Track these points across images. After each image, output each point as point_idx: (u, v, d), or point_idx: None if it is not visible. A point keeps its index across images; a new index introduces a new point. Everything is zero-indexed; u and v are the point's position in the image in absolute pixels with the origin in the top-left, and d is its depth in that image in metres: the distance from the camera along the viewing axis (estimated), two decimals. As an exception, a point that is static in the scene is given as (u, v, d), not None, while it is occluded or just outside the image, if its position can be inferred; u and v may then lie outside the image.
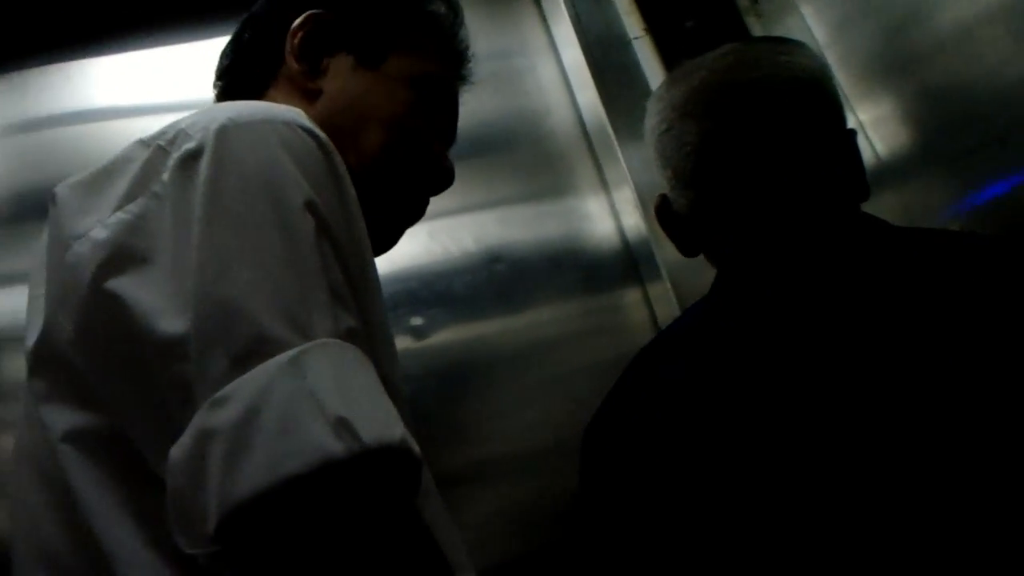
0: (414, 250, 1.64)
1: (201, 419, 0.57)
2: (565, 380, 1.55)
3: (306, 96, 0.99)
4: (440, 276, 1.63)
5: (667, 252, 1.56)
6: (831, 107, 1.07)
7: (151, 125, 1.65)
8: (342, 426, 0.55)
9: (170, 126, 0.72)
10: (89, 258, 0.66)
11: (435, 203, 1.63)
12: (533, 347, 1.59)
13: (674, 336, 1.02)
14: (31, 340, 0.72)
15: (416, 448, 0.60)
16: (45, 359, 0.70)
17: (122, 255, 0.65)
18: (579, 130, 1.83)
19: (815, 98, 1.05)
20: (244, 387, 0.56)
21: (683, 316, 1.08)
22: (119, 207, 0.67)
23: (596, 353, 1.57)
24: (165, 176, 0.67)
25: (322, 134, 0.73)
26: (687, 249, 1.17)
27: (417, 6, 1.10)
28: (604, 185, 1.77)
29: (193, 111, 1.29)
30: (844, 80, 1.64)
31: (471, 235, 1.68)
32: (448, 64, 1.13)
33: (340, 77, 1.00)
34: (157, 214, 0.66)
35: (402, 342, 1.56)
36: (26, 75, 1.79)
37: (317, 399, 0.56)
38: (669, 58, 1.75)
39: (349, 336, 0.64)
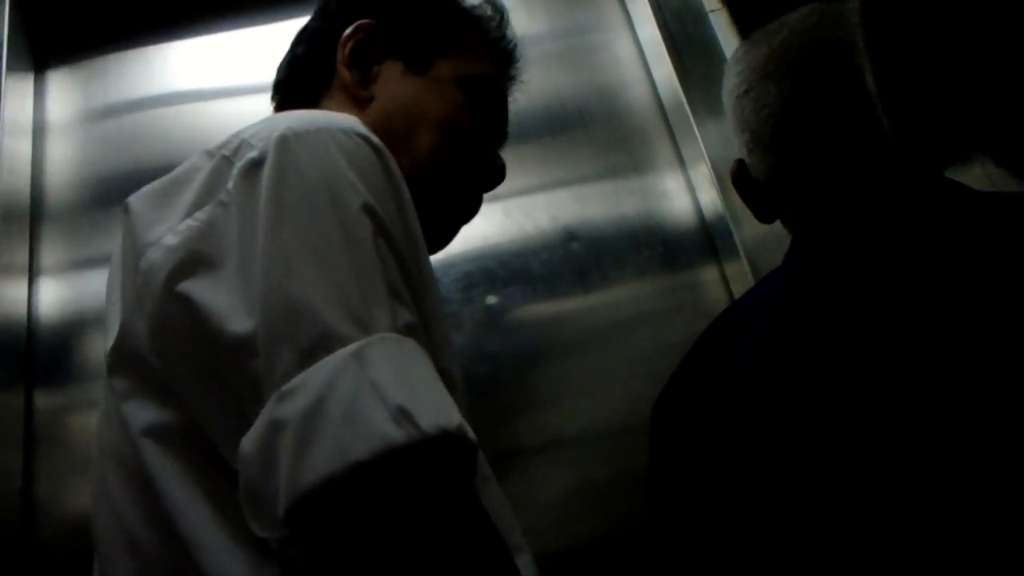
0: (490, 229, 1.65)
1: (270, 411, 0.60)
2: (642, 359, 1.55)
3: (358, 103, 1.03)
4: (516, 255, 1.63)
5: (744, 230, 1.54)
6: None
7: (229, 107, 1.73)
8: (402, 414, 0.58)
9: (233, 136, 0.75)
10: (162, 263, 0.70)
11: (510, 182, 1.64)
12: (610, 326, 1.58)
13: (746, 308, 1.00)
14: (110, 343, 0.76)
15: (472, 434, 0.64)
16: (124, 360, 0.74)
17: (192, 259, 0.69)
18: (655, 106, 1.81)
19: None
20: (310, 380, 0.60)
21: (757, 287, 1.06)
22: (188, 215, 0.71)
23: (673, 332, 1.57)
24: (230, 185, 0.70)
25: (377, 140, 0.76)
26: (764, 215, 1.15)
27: (461, 10, 1.15)
28: (680, 162, 1.75)
29: (264, 93, 1.32)
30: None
31: (547, 213, 1.68)
32: (495, 63, 1.16)
33: (390, 83, 1.04)
34: (224, 220, 0.70)
35: (479, 321, 1.58)
36: (105, 61, 1.85)
37: (378, 389, 0.59)
38: (746, 30, 1.69)
39: (407, 330, 0.67)
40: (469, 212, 1.15)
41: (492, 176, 1.13)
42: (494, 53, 1.17)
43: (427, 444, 0.58)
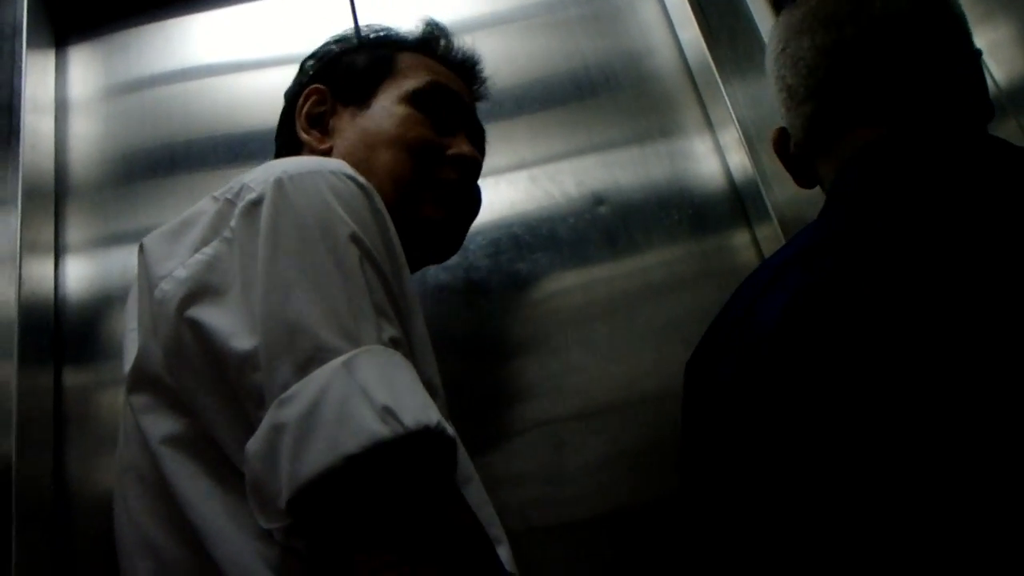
0: (516, 195, 1.63)
1: (271, 416, 0.70)
2: (672, 324, 1.52)
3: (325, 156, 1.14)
4: (543, 221, 1.61)
5: (775, 192, 1.52)
6: (955, 26, 1.02)
7: (251, 80, 1.73)
8: (387, 412, 0.67)
9: (235, 181, 0.86)
10: (173, 293, 0.80)
11: (537, 147, 1.63)
12: (639, 291, 1.56)
13: (776, 265, 0.98)
14: (128, 364, 0.86)
15: (451, 431, 0.73)
16: (141, 380, 0.83)
17: (200, 288, 0.79)
18: (682, 69, 1.78)
19: (935, 15, 1.01)
20: (306, 387, 0.70)
21: (788, 244, 1.04)
22: (196, 250, 0.82)
23: (703, 297, 1.54)
24: (233, 223, 0.81)
25: (362, 179, 0.86)
26: (804, 179, 1.14)
27: (389, 42, 1.28)
28: (709, 124, 1.73)
29: (291, 64, 1.32)
30: (961, 2, 1.57)
31: (574, 179, 1.65)
32: (435, 71, 1.24)
33: (346, 128, 1.16)
34: (227, 254, 0.80)
35: (506, 288, 1.56)
36: (126, 36, 1.85)
37: (366, 393, 0.68)
38: (773, -10, 1.69)
39: (392, 344, 0.77)
40: (468, 209, 1.24)
41: (462, 165, 1.18)
42: (432, 63, 1.26)
43: (410, 438, 0.67)
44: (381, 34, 1.33)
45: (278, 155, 1.26)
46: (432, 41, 1.31)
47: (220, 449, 0.78)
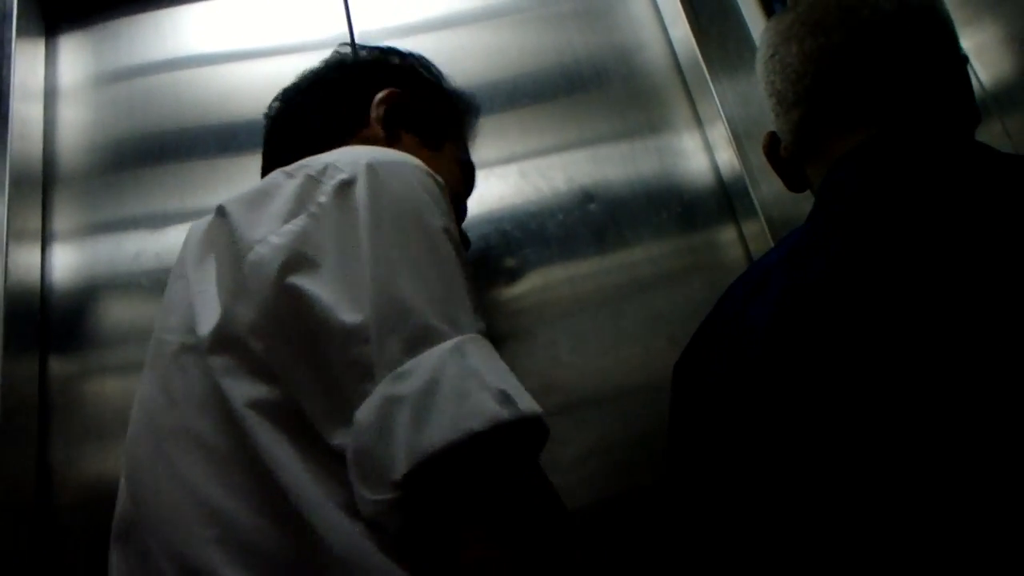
0: (506, 190, 1.64)
1: (385, 389, 0.71)
2: (660, 319, 1.53)
3: None
4: (533, 216, 1.62)
5: (762, 189, 1.53)
6: (941, 31, 1.03)
7: (241, 70, 1.73)
8: (504, 397, 0.70)
9: (312, 160, 0.87)
10: (271, 259, 0.80)
11: (527, 142, 1.64)
12: (627, 286, 1.57)
13: (764, 267, 0.99)
14: (208, 326, 0.83)
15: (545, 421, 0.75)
16: (224, 341, 0.82)
17: (297, 258, 0.79)
18: (672, 65, 1.79)
19: (922, 20, 1.02)
20: (422, 364, 0.71)
21: (777, 246, 1.05)
22: (285, 221, 0.82)
23: (691, 292, 1.55)
24: (322, 199, 0.82)
25: (439, 177, 0.90)
26: (794, 183, 1.15)
27: (460, 107, 1.39)
28: (698, 121, 1.74)
29: (282, 55, 1.32)
30: (948, 5, 1.58)
31: (563, 174, 1.66)
32: (467, 147, 1.41)
33: (410, 150, 1.12)
34: (316, 229, 0.81)
35: (495, 282, 1.57)
36: (116, 25, 1.85)
37: (479, 376, 0.71)
38: (763, -12, 1.70)
39: (482, 335, 0.79)
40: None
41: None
42: (468, 139, 1.42)
43: (523, 423, 0.70)
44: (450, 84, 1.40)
45: (304, 146, 1.21)
46: (472, 117, 1.46)
47: (304, 417, 0.77)
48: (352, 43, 1.38)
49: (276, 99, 1.31)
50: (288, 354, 0.79)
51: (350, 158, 0.85)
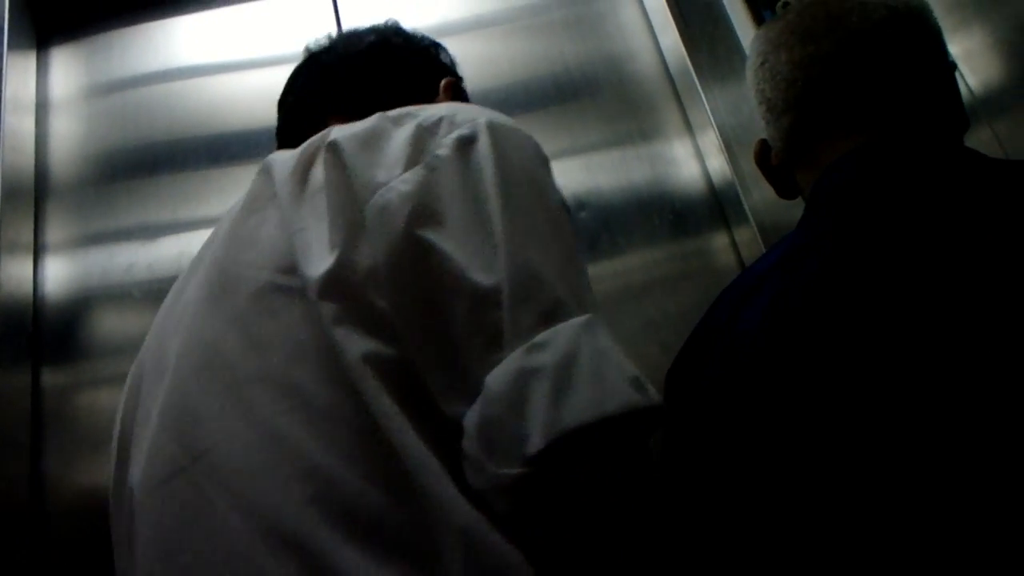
0: (498, 198, 1.63)
1: (521, 359, 0.67)
2: (652, 326, 1.54)
3: None
4: (525, 224, 1.61)
5: (753, 195, 1.54)
6: (929, 39, 1.04)
7: (232, 82, 1.73)
8: (638, 383, 0.66)
9: (414, 110, 0.84)
10: (398, 207, 0.75)
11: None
12: (620, 293, 1.57)
13: (756, 273, 0.99)
14: (319, 269, 0.76)
15: None
16: (339, 287, 0.75)
17: (425, 210, 0.75)
18: (662, 73, 1.80)
19: (910, 28, 1.02)
20: (557, 338, 0.67)
21: (768, 253, 1.06)
22: (405, 168, 0.78)
23: (683, 299, 1.56)
24: (441, 152, 0.78)
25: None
26: (785, 190, 1.16)
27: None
28: (688, 128, 1.74)
29: (273, 66, 1.31)
30: (937, 11, 1.58)
31: (555, 182, 1.66)
32: None
33: None
34: (438, 182, 0.77)
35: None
36: (108, 37, 1.85)
37: (611, 358, 0.67)
38: (752, -5, 1.71)
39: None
40: None
41: None
42: None
43: (650, 411, 0.66)
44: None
45: (380, 75, 1.18)
46: None
47: (417, 378, 0.72)
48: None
49: (327, 42, 1.23)
50: (409, 308, 0.74)
51: (467, 114, 0.82)
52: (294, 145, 0.94)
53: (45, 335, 1.56)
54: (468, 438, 0.68)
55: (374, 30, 1.22)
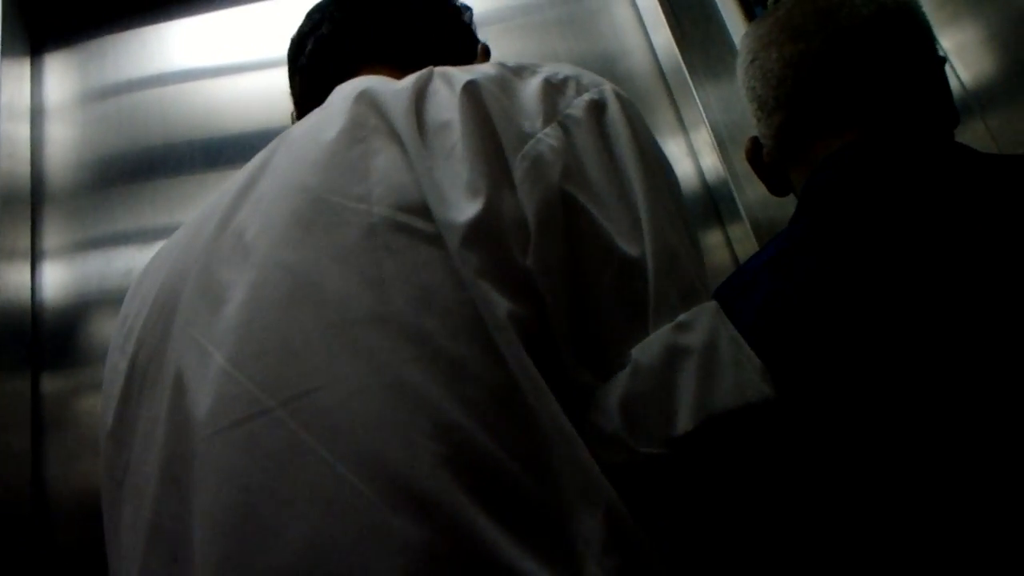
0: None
1: (669, 337, 0.66)
2: (648, 324, 1.53)
3: None
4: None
5: (747, 192, 1.54)
6: (918, 34, 1.04)
7: (226, 85, 1.73)
8: (766, 374, 0.66)
9: (532, 65, 0.81)
10: (552, 160, 0.73)
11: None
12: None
13: (751, 270, 1.00)
14: (464, 214, 0.70)
15: None
16: (484, 236, 0.69)
17: (572, 168, 0.73)
18: (655, 71, 1.80)
19: (899, 23, 1.03)
20: (700, 320, 0.67)
21: (763, 250, 1.06)
22: (547, 122, 0.75)
23: (678, 296, 1.55)
24: (573, 112, 0.76)
25: None
26: (777, 188, 1.16)
27: None
28: (682, 126, 1.75)
29: (267, 69, 1.31)
30: (928, 5, 1.58)
31: (549, 182, 1.65)
32: None
33: None
34: (575, 143, 0.74)
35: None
36: (102, 42, 1.85)
37: (744, 347, 0.68)
38: (744, -7, 1.71)
39: None
40: None
41: None
42: None
43: (770, 404, 0.65)
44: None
45: (425, 28, 1.09)
46: None
47: (553, 342, 0.68)
48: None
49: None
50: (553, 269, 0.69)
51: (589, 78, 0.80)
52: (320, 87, 0.93)
53: (44, 340, 1.56)
54: (603, 411, 0.65)
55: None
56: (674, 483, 0.64)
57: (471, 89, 0.77)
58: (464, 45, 1.10)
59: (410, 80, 0.81)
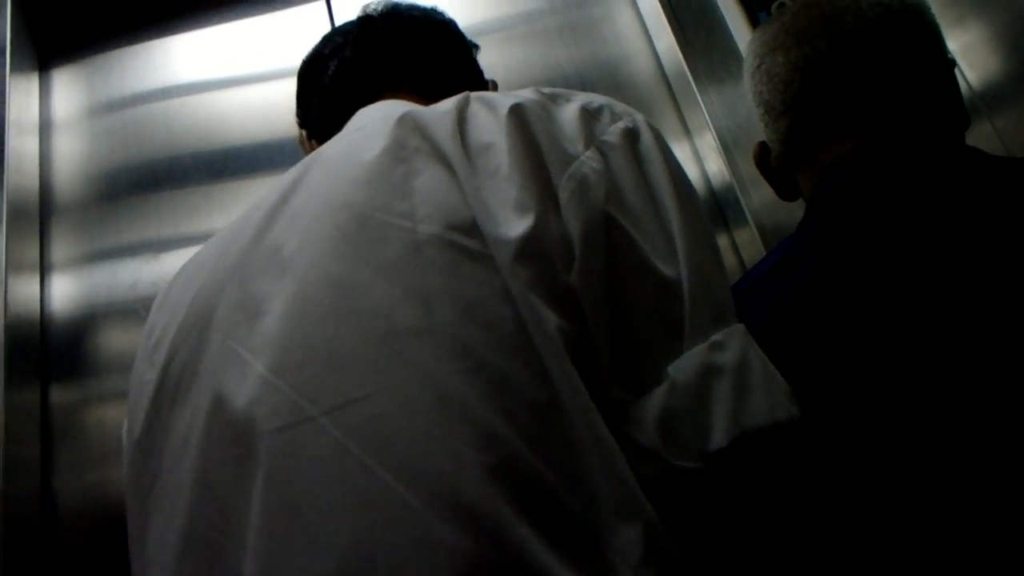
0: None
1: (704, 355, 0.68)
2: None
3: None
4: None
5: (752, 197, 1.54)
6: (926, 35, 1.03)
7: (232, 98, 1.74)
8: (792, 396, 0.68)
9: (567, 93, 0.83)
10: (596, 182, 0.75)
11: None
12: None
13: (758, 273, 0.99)
14: (515, 231, 0.71)
15: None
16: (533, 253, 0.71)
17: (612, 191, 0.75)
18: (658, 77, 1.80)
19: (907, 25, 1.02)
20: (732, 340, 0.69)
21: (770, 254, 1.06)
22: (587, 147, 0.77)
23: (684, 301, 1.55)
24: (610, 138, 0.78)
25: None
26: (786, 192, 1.15)
27: None
28: (686, 131, 1.75)
29: (270, 81, 1.31)
30: (934, 7, 1.58)
31: (553, 189, 1.65)
32: None
33: None
34: (611, 166, 0.76)
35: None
36: (108, 57, 1.87)
37: (772, 368, 0.70)
38: (748, -2, 1.71)
39: None
40: None
41: None
42: None
43: (797, 424, 0.67)
44: None
45: (442, 56, 1.12)
46: None
47: (594, 358, 0.70)
48: None
49: (385, 7, 1.13)
50: (596, 286, 0.71)
51: (621, 107, 0.83)
52: (342, 108, 0.97)
53: (52, 353, 1.57)
54: (640, 425, 0.67)
55: (434, 10, 1.16)
56: (707, 496, 0.66)
57: (518, 111, 0.79)
58: (477, 77, 1.14)
59: (451, 104, 0.82)
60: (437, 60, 1.10)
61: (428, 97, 0.98)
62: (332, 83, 1.07)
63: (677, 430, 0.66)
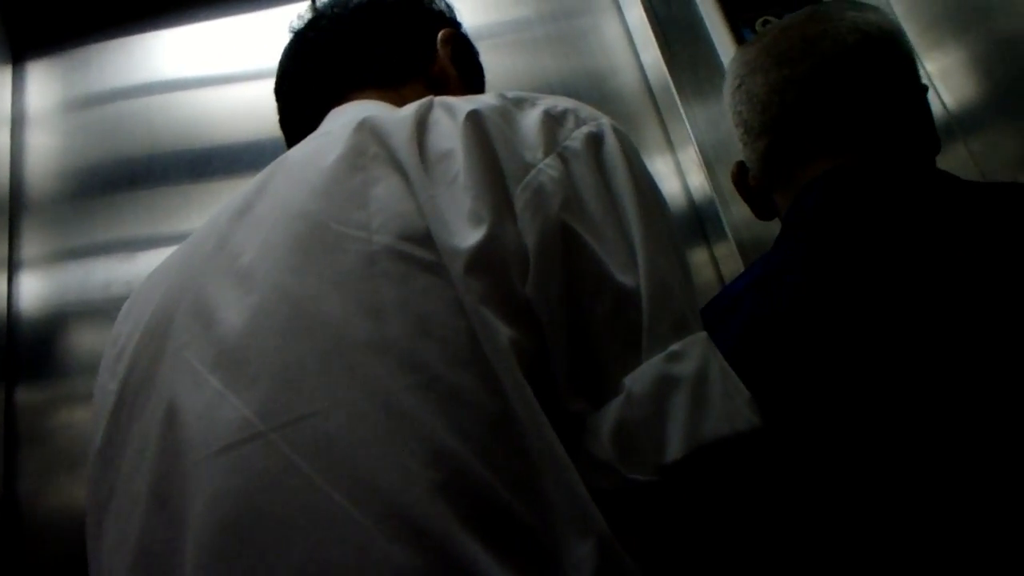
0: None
1: (660, 367, 0.67)
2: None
3: None
4: (506, 241, 1.61)
5: (733, 212, 1.55)
6: (901, 62, 1.05)
7: (210, 96, 1.72)
8: (754, 404, 0.67)
9: (533, 96, 0.82)
10: (552, 191, 0.73)
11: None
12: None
13: (733, 292, 1.00)
14: (467, 241, 0.71)
15: None
16: (486, 263, 0.70)
17: (571, 199, 0.73)
18: (643, 90, 1.81)
19: (883, 52, 1.04)
20: (691, 350, 0.68)
21: (746, 272, 1.07)
22: (547, 153, 0.76)
23: (664, 315, 1.55)
24: (572, 144, 0.77)
25: None
26: (763, 211, 1.17)
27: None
28: (669, 145, 1.76)
29: (253, 80, 1.30)
30: (912, 31, 1.61)
31: (537, 199, 1.66)
32: None
33: (458, 92, 1.05)
34: (574, 173, 0.75)
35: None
36: (86, 51, 1.84)
37: (733, 377, 0.69)
38: (733, 14, 1.71)
39: None
40: None
41: None
42: None
43: (758, 435, 0.66)
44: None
45: (360, 83, 1.08)
46: None
47: (548, 370, 0.69)
48: None
49: (315, 12, 1.14)
50: (552, 297, 0.70)
51: (587, 111, 0.81)
52: (301, 130, 0.95)
53: (20, 353, 1.54)
54: (596, 438, 0.66)
55: None
56: (664, 510, 0.65)
57: (475, 118, 0.78)
58: (418, 39, 1.10)
59: (411, 109, 0.81)
60: (376, 46, 1.08)
61: (391, 87, 1.02)
62: (278, 97, 1.11)
63: (633, 443, 0.65)
